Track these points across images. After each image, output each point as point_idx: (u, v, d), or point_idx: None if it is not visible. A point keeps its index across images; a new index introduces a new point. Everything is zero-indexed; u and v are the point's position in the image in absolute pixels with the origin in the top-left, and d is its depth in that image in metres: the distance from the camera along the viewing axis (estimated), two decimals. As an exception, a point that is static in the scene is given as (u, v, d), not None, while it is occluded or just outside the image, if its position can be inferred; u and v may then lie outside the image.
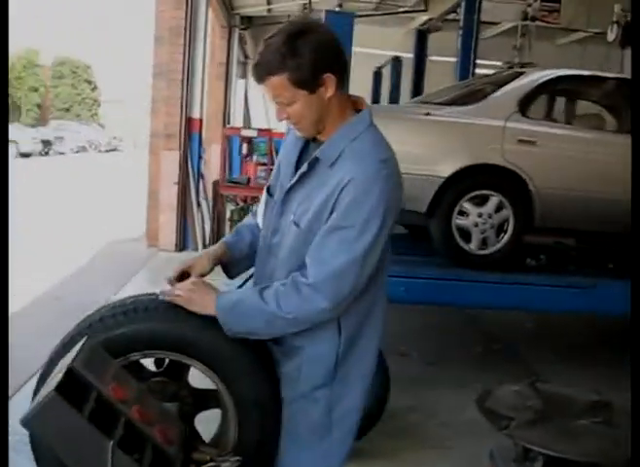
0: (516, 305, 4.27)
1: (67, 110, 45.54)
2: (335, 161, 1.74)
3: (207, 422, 2.02)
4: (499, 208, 4.20)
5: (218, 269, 2.02)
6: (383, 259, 1.79)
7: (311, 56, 1.65)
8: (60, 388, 1.42)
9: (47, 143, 31.13)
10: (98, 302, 2.71)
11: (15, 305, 1.87)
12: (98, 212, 12.16)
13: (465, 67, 9.21)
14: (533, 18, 12.32)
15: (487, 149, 4.22)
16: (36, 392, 1.66)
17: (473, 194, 4.17)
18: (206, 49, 9.06)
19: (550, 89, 4.80)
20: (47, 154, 30.75)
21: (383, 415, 3.55)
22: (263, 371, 1.86)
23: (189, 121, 8.70)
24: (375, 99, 14.12)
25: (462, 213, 4.17)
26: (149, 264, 8.00)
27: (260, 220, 2.00)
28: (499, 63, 13.25)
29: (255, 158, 9.36)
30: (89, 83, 46.96)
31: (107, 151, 38.72)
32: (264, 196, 1.99)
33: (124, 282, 7.00)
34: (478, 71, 12.45)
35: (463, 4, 9.23)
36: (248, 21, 14.55)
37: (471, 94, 4.76)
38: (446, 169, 4.10)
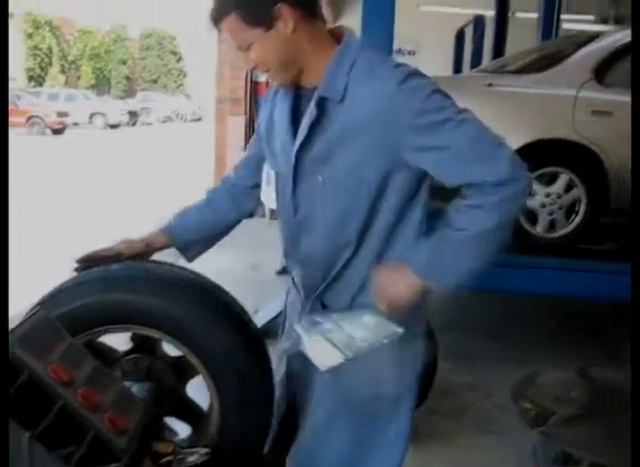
0: (587, 294, 3.85)
1: (154, 81, 46.58)
2: (344, 95, 1.46)
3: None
4: (569, 187, 3.82)
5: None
6: None
7: None
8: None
9: (133, 114, 31.95)
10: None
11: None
12: (174, 179, 12.29)
13: (548, 24, 8.52)
14: (629, -32, 11.41)
15: (556, 121, 3.81)
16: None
17: (540, 171, 3.78)
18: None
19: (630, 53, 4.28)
20: (134, 125, 31.56)
21: (439, 392, 3.35)
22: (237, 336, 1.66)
23: (255, 84, 8.51)
24: (457, 64, 13.49)
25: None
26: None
27: (267, 198, 1.75)
28: (592, 18, 12.41)
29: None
30: (175, 54, 47.78)
31: (193, 120, 39.32)
32: (268, 175, 1.73)
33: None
34: (566, 27, 11.70)
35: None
36: (323, -17, 14.17)
37: (540, 60, 4.30)
38: (510, 145, 3.73)
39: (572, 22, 12.01)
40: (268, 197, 1.77)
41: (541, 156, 3.79)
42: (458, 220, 1.45)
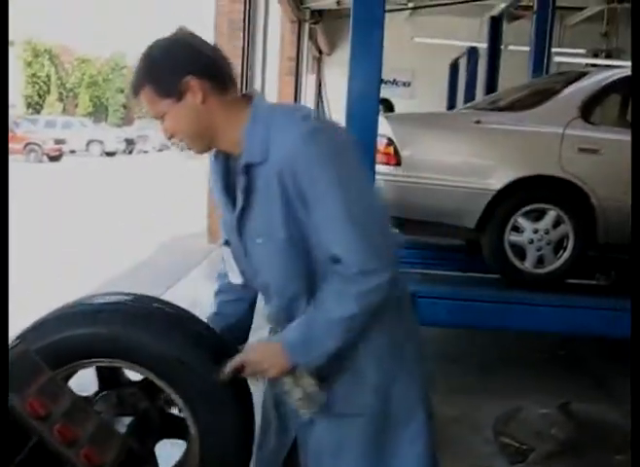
0: (576, 330, 3.87)
1: (152, 110, 46.86)
2: (267, 153, 1.49)
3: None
4: (557, 223, 3.87)
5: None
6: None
7: (164, 62, 1.51)
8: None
9: (130, 142, 32.08)
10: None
11: (66, 298, 1.77)
12: (169, 207, 12.36)
13: (539, 57, 8.65)
14: (620, 0, 11.55)
15: (544, 159, 3.87)
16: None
17: (527, 208, 3.85)
18: (267, 43, 8.92)
19: (617, 91, 4.34)
20: (130, 152, 31.68)
21: None
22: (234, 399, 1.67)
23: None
24: (452, 94, 13.60)
25: (516, 229, 3.86)
26: (207, 259, 7.94)
27: (234, 277, 1.73)
28: (583, 52, 12.57)
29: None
30: (173, 83, 48.13)
31: (189, 149, 39.43)
32: (224, 250, 1.72)
33: (180, 277, 6.98)
34: (557, 60, 11.84)
35: (536, -13, 8.68)
36: (319, 15, 14.36)
37: (529, 97, 4.38)
38: (498, 182, 3.81)
39: (563, 56, 12.18)
40: (233, 274, 1.73)
41: (528, 192, 3.85)
42: (327, 303, 1.50)
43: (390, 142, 3.88)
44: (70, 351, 1.64)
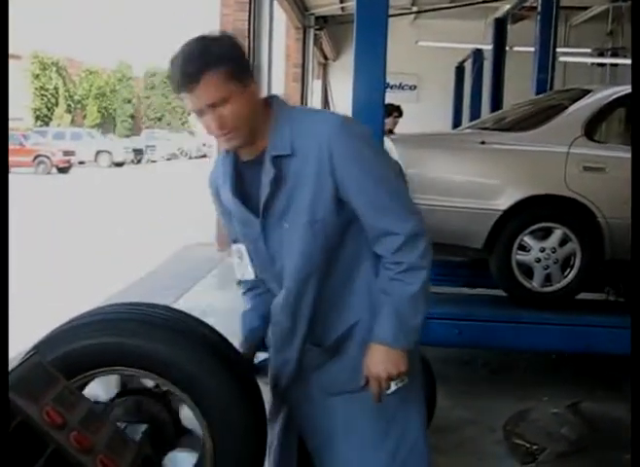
0: (587, 349, 3.80)
1: (159, 119, 47.06)
2: (292, 149, 1.61)
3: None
4: (564, 242, 3.87)
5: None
6: None
7: (242, 48, 1.61)
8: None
9: (138, 152, 32.26)
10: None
11: (76, 310, 1.80)
12: (178, 216, 12.39)
13: (544, 57, 8.64)
14: (625, -1, 11.51)
15: (549, 178, 3.88)
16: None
17: (534, 227, 3.86)
18: (272, 50, 8.96)
19: (620, 108, 4.30)
20: (139, 162, 31.85)
21: (439, 427, 3.31)
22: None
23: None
24: (458, 97, 13.60)
25: (523, 248, 3.86)
26: (216, 269, 7.96)
27: (247, 272, 1.81)
28: (589, 51, 12.54)
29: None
30: (180, 92, 48.29)
31: (197, 157, 39.61)
32: (237, 247, 1.80)
33: (190, 287, 7.00)
34: (564, 59, 11.81)
35: (540, -13, 8.66)
36: (323, 21, 14.40)
37: (531, 117, 4.39)
38: (504, 202, 3.81)
39: (569, 56, 12.15)
40: (245, 270, 1.81)
41: (535, 211, 3.87)
42: (398, 285, 1.62)
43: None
44: (86, 360, 1.66)
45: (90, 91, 41.65)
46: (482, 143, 3.98)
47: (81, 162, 27.40)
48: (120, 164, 29.53)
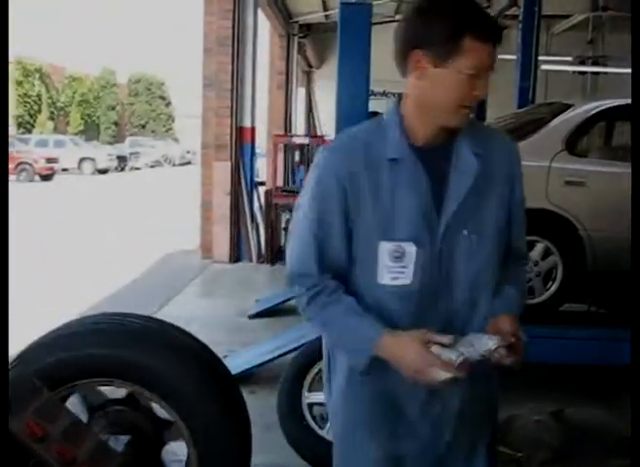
0: (559, 359, 3.81)
1: (143, 126, 46.85)
2: (482, 147, 1.58)
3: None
4: (546, 255, 3.92)
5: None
6: None
7: None
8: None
9: (122, 159, 32.09)
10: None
11: (60, 319, 1.78)
12: (162, 224, 12.36)
13: (526, 65, 8.72)
14: (604, 8, 11.64)
15: (531, 192, 3.91)
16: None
17: None
18: (256, 58, 8.98)
19: (602, 122, 4.40)
20: (122, 169, 31.68)
21: None
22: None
23: (240, 130, 8.62)
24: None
25: None
26: (201, 276, 7.93)
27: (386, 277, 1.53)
28: (570, 59, 12.66)
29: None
30: (163, 99, 48.18)
31: (181, 165, 39.49)
32: (398, 250, 1.51)
33: (174, 295, 6.96)
34: (545, 68, 11.92)
35: (522, -5, 8.74)
36: (307, 29, 14.47)
37: (513, 132, 4.36)
38: None
39: (550, 64, 12.27)
40: (400, 274, 1.53)
41: None
42: (520, 283, 1.74)
43: None
44: (69, 371, 1.65)
45: (74, 98, 41.41)
46: None
47: (64, 170, 27.21)
48: (103, 172, 29.35)
